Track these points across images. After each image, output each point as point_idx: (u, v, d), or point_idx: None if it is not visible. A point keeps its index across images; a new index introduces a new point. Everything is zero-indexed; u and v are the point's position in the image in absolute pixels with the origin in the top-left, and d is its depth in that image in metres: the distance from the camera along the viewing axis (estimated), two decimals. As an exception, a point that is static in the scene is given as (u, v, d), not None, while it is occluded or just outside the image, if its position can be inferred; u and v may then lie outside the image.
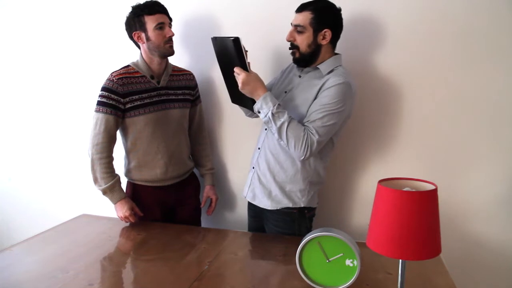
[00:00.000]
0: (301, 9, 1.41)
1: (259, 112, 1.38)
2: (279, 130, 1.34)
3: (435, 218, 0.91)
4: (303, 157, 1.36)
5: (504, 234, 1.63)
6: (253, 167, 1.59)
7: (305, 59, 1.44)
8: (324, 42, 1.40)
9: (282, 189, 1.50)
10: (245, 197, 1.63)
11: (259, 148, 1.58)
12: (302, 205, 1.50)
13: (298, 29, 1.40)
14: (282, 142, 1.38)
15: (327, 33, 1.39)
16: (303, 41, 1.41)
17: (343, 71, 1.43)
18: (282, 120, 1.33)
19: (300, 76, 1.52)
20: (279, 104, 1.36)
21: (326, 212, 1.78)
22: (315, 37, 1.39)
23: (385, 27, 1.61)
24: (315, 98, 1.40)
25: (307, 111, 1.40)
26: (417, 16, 1.57)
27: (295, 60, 1.47)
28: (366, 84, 1.66)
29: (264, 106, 1.35)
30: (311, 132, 1.34)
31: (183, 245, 1.46)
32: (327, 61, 1.44)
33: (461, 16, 1.52)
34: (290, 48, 1.46)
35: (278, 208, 1.51)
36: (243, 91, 1.38)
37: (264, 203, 1.54)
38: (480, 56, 1.54)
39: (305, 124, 1.37)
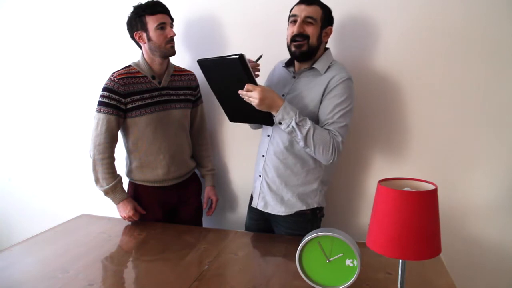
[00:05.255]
0: (310, 2, 1.37)
1: (280, 123, 1.32)
2: (306, 138, 1.30)
3: (435, 218, 0.91)
4: (331, 160, 1.34)
5: (504, 234, 1.63)
6: (260, 175, 1.55)
7: (309, 53, 1.39)
8: (326, 39, 1.40)
9: (294, 193, 1.47)
10: (256, 207, 1.57)
11: (263, 156, 1.54)
12: (316, 206, 1.49)
13: (308, 20, 1.35)
14: (308, 149, 1.34)
15: (329, 31, 1.40)
16: (314, 33, 1.36)
17: (340, 65, 1.42)
18: (307, 127, 1.29)
19: (294, 77, 1.49)
20: (298, 112, 1.31)
21: (332, 213, 1.77)
22: (321, 33, 1.39)
23: (385, 27, 1.61)
24: (322, 97, 1.38)
25: (317, 112, 1.38)
26: (416, 15, 1.57)
27: (300, 54, 1.38)
28: (367, 84, 1.66)
29: (286, 116, 1.29)
30: (334, 135, 1.33)
31: (183, 245, 1.46)
32: (320, 58, 1.42)
33: (461, 15, 1.53)
34: (296, 40, 1.37)
35: (292, 212, 1.49)
36: (260, 107, 1.29)
37: (278, 210, 1.50)
38: (480, 55, 1.54)
39: (325, 127, 1.35)
